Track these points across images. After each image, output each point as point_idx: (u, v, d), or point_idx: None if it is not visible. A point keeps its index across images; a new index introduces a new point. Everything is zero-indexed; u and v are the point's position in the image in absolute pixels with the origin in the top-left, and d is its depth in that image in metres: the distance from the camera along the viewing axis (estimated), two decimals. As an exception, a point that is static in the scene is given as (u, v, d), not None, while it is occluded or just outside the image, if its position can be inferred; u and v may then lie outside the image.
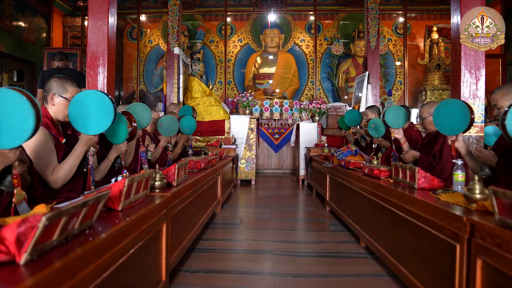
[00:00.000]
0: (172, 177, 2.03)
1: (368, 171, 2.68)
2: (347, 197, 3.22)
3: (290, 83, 9.33)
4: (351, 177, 3.03)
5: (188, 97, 6.55)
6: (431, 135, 3.24)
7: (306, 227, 3.35)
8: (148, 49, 9.81)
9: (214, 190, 3.56)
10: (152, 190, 1.86)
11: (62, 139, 2.22)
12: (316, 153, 5.31)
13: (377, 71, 6.34)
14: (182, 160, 2.90)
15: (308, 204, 4.40)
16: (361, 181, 2.76)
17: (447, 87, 8.59)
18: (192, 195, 2.44)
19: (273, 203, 4.47)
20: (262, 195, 5.03)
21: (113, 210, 1.39)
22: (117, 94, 9.78)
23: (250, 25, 9.65)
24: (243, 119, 5.97)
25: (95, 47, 3.63)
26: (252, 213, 3.91)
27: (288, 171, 7.88)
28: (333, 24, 9.52)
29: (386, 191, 2.22)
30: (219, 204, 3.78)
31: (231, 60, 9.62)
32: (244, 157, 5.96)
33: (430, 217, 1.61)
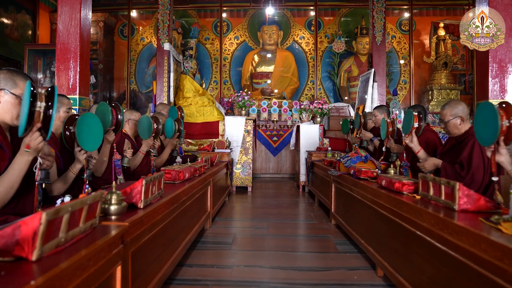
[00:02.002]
0: (138, 197, 1.55)
1: (387, 183, 2.21)
2: (357, 212, 2.74)
3: (289, 82, 8.86)
4: (363, 188, 2.56)
5: (180, 97, 6.07)
6: (454, 140, 2.78)
7: (309, 247, 2.87)
8: (140, 47, 9.34)
9: (203, 202, 3.08)
10: (107, 216, 1.39)
11: (7, 147, 1.74)
12: (319, 157, 4.83)
13: (383, 69, 5.87)
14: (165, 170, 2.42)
15: (310, 216, 3.92)
16: (376, 195, 2.28)
17: (454, 86, 8.14)
18: (170, 215, 1.96)
19: (271, 214, 3.99)
20: (259, 205, 4.55)
21: (24, 259, 0.92)
22: (108, 95, 9.30)
23: (247, 22, 9.18)
24: (238, 121, 5.49)
25: (66, 38, 3.15)
26: (247, 228, 3.43)
27: (287, 176, 7.41)
28: (334, 21, 9.07)
29: (414, 211, 1.74)
30: (209, 217, 3.31)
31: (227, 59, 9.16)
32: (240, 162, 5.48)
33: (492, 259, 1.14)
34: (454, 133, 2.70)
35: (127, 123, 3.54)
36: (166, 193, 2.03)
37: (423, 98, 8.53)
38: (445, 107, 2.70)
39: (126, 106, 8.63)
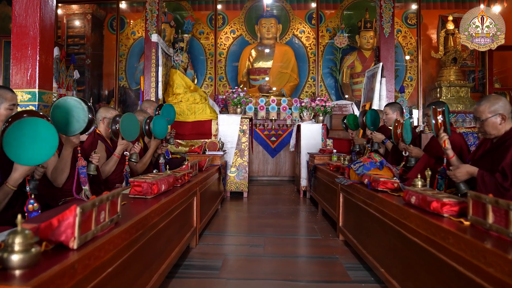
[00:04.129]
0: (69, 233, 1.03)
1: (418, 200, 1.70)
2: (374, 231, 2.24)
3: (288, 79, 8.34)
4: (383, 204, 2.05)
5: (169, 93, 5.55)
6: (491, 143, 2.28)
7: (315, 273, 2.36)
8: (131, 41, 8.80)
9: (187, 217, 2.57)
10: (8, 271, 0.87)
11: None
12: (322, 160, 4.33)
13: (392, 63, 5.37)
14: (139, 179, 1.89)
15: (313, 229, 3.42)
16: (403, 214, 1.78)
17: (464, 83, 7.64)
18: (131, 247, 1.45)
19: (269, 226, 3.49)
20: (255, 214, 4.05)
21: None
22: (97, 92, 8.77)
23: (244, 15, 8.66)
24: (233, 119, 4.98)
25: (23, 20, 2.63)
26: (240, 246, 2.92)
27: (286, 178, 6.90)
28: (336, 14, 8.55)
29: (469, 247, 1.24)
30: (195, 234, 2.80)
31: (222, 54, 8.63)
32: (235, 165, 4.97)
33: None
34: (491, 134, 2.21)
35: (102, 122, 3.04)
36: (128, 216, 1.52)
37: (430, 96, 8.03)
38: (482, 102, 2.21)
39: (114, 104, 8.10)
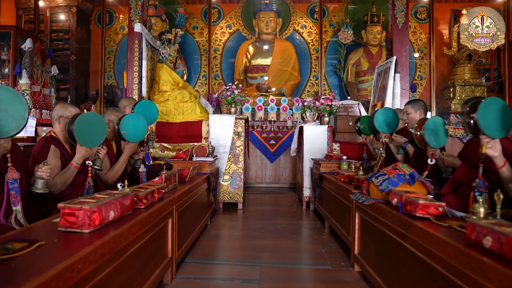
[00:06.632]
0: None
1: (499, 245, 1.08)
2: (409, 274, 1.61)
3: (288, 77, 7.73)
4: (430, 241, 1.42)
5: (155, 91, 4.93)
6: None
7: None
8: (120, 37, 8.20)
9: (157, 248, 1.94)
10: None
11: None
12: (330, 168, 3.70)
13: (406, 57, 4.76)
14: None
15: (321, 254, 2.78)
16: (472, 265, 1.16)
17: (480, 82, 7.04)
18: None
19: (267, 250, 2.86)
20: (251, 233, 3.41)
21: None
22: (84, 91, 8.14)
23: (241, 8, 8.05)
24: (226, 120, 4.35)
25: None
26: (229, 282, 2.28)
27: (286, 186, 6.27)
28: (340, 7, 7.96)
29: None
30: (170, 266, 2.16)
31: (218, 50, 8.03)
32: (228, 172, 4.34)
33: None
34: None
35: (58, 122, 2.43)
36: (34, 272, 0.89)
37: (442, 96, 7.42)
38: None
39: (100, 104, 7.47)
